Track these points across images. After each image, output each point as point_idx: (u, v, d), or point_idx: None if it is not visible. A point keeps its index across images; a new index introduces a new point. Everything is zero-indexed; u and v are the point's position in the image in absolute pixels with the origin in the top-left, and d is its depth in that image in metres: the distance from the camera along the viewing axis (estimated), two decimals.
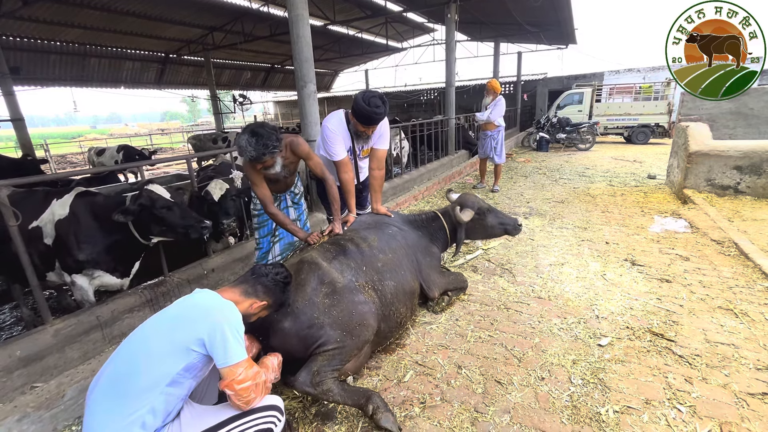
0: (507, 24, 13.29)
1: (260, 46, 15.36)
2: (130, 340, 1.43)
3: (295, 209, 3.10)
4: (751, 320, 2.56)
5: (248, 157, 2.31)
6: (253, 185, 2.59)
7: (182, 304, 1.50)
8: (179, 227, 2.62)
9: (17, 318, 3.77)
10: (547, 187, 6.88)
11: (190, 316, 1.44)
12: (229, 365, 1.37)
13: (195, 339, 1.36)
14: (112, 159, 9.85)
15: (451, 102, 9.08)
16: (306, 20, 4.15)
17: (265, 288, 1.67)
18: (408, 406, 2.03)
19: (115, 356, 1.41)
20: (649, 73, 17.38)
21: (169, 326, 1.42)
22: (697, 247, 3.80)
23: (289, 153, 2.65)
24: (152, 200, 2.58)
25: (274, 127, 2.40)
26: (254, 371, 1.45)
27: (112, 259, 2.76)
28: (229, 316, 1.45)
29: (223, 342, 1.37)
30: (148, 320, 1.48)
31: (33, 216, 2.69)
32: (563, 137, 12.11)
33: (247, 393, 1.41)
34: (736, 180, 5.14)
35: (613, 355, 2.30)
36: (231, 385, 1.38)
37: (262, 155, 2.29)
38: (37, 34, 11.27)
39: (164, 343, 1.36)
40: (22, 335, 2.35)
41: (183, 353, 1.35)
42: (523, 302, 2.98)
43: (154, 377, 1.32)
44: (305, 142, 2.72)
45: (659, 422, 1.83)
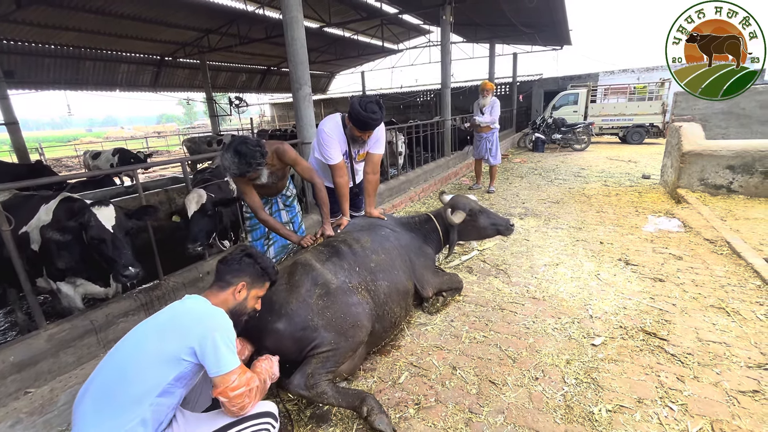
0: (502, 25, 13.36)
1: (256, 48, 15.35)
2: (118, 349, 1.40)
3: (288, 212, 3.10)
4: (743, 318, 2.58)
5: (231, 174, 2.39)
6: (243, 194, 2.62)
7: (171, 311, 1.47)
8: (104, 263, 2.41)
9: (11, 323, 3.76)
10: (542, 188, 6.91)
11: (180, 325, 1.41)
12: (222, 374, 1.36)
13: (185, 348, 1.34)
14: (108, 162, 9.83)
15: (447, 103, 9.12)
16: (301, 22, 4.16)
17: (231, 271, 1.64)
18: (403, 407, 2.04)
19: (103, 367, 1.37)
20: (644, 74, 17.51)
21: (158, 336, 1.38)
22: (690, 246, 3.83)
23: (276, 160, 2.67)
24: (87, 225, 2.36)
25: (258, 141, 2.39)
26: (247, 377, 1.44)
27: (92, 267, 2.67)
28: (220, 322, 1.43)
29: (214, 350, 1.35)
30: (136, 329, 1.45)
31: (26, 221, 2.67)
32: (559, 138, 12.18)
33: (241, 399, 1.40)
34: (728, 179, 5.18)
35: (607, 355, 2.32)
36: (225, 392, 1.37)
37: (246, 172, 2.35)
38: (31, 38, 11.21)
39: (154, 353, 1.33)
40: (15, 340, 2.34)
41: (173, 363, 1.33)
42: (517, 303, 3.00)
43: (144, 388, 1.30)
44: (291, 148, 2.71)
45: (651, 421, 1.84)
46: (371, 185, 3.11)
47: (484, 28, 13.68)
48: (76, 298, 2.71)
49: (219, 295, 1.60)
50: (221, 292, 1.61)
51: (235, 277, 1.63)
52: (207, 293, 1.60)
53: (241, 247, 1.76)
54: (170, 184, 5.66)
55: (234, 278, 1.63)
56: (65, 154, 23.37)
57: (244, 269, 1.66)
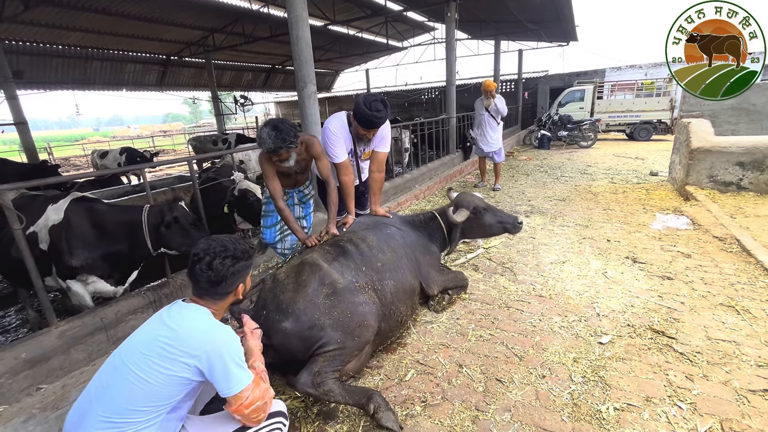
0: (507, 22, 13.25)
1: (261, 47, 15.39)
2: (120, 369, 1.30)
3: (302, 208, 3.14)
4: (753, 317, 2.55)
5: (266, 148, 2.42)
6: (266, 177, 2.67)
7: (174, 326, 1.34)
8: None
9: (23, 320, 3.81)
10: (548, 185, 6.87)
11: (187, 347, 1.30)
12: (234, 394, 1.32)
13: (193, 369, 1.30)
14: (115, 161, 9.92)
15: (452, 101, 9.08)
16: (305, 21, 4.16)
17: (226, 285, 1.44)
18: (409, 404, 2.04)
19: (105, 389, 1.29)
20: (651, 70, 17.30)
21: (165, 358, 1.28)
22: (699, 244, 3.79)
23: (303, 150, 2.73)
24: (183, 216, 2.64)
25: (294, 124, 2.49)
26: (262, 390, 1.39)
27: (109, 265, 2.75)
28: (225, 339, 1.35)
29: (223, 370, 1.30)
30: (135, 342, 1.34)
31: (33, 221, 2.72)
32: (565, 135, 12.09)
33: (256, 414, 1.37)
34: (738, 176, 5.11)
35: (614, 353, 2.31)
36: (239, 410, 1.34)
37: (279, 148, 2.40)
38: (39, 38, 11.34)
39: (162, 376, 1.27)
40: (27, 337, 2.38)
41: (183, 385, 1.31)
42: (524, 301, 2.99)
43: (154, 409, 1.27)
44: (320, 143, 2.79)
45: (660, 419, 1.83)
46: (377, 183, 3.11)
47: (489, 24, 13.59)
48: (86, 296, 2.75)
49: (217, 304, 1.48)
50: (219, 302, 1.49)
51: (231, 286, 1.48)
52: (203, 304, 1.45)
53: (213, 250, 1.45)
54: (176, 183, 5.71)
55: (231, 287, 1.48)
56: (73, 153, 23.62)
57: (237, 275, 1.48)
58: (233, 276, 1.46)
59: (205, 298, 1.45)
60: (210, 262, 1.42)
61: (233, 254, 1.46)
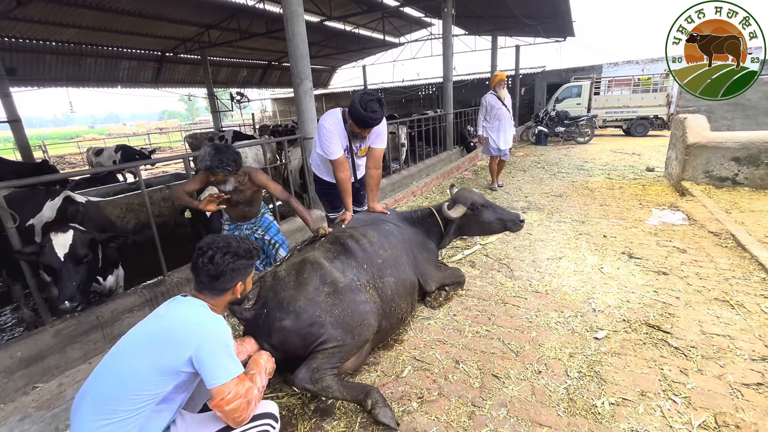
0: (504, 17, 13.23)
1: (257, 43, 15.29)
2: (116, 357, 1.35)
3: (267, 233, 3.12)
4: (747, 311, 2.57)
5: (204, 165, 2.54)
6: (185, 184, 2.74)
7: (168, 317, 1.40)
8: None
9: (18, 319, 3.80)
10: (545, 181, 6.88)
11: (175, 336, 1.34)
12: (218, 385, 1.31)
13: (183, 359, 1.30)
14: (111, 159, 9.84)
15: (449, 97, 9.07)
16: (301, 17, 4.14)
17: (224, 279, 1.49)
18: (406, 401, 2.05)
19: (102, 375, 1.33)
20: (648, 65, 17.32)
21: (156, 346, 1.33)
22: (694, 239, 3.81)
23: (247, 180, 2.79)
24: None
25: (237, 152, 2.61)
26: (245, 388, 1.38)
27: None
28: (216, 330, 1.37)
29: (210, 360, 1.31)
30: (132, 333, 1.39)
31: (32, 214, 2.72)
32: (562, 131, 12.08)
33: (237, 413, 1.35)
34: (734, 171, 5.14)
35: (610, 348, 2.32)
36: (220, 405, 1.33)
37: (216, 167, 2.50)
38: (33, 35, 11.21)
39: (151, 365, 1.29)
40: (23, 336, 2.37)
41: (172, 375, 1.31)
42: (520, 297, 3.00)
43: (143, 398, 1.28)
44: (263, 173, 2.88)
45: (654, 413, 1.85)
46: (373, 180, 3.10)
47: (486, 20, 13.55)
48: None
49: (215, 299, 1.51)
50: (217, 297, 1.52)
51: (230, 282, 1.51)
52: (202, 298, 1.50)
53: (217, 245, 1.50)
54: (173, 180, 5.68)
55: (229, 283, 1.52)
56: (68, 151, 23.44)
57: (237, 272, 1.52)
58: (233, 272, 1.51)
59: (204, 293, 1.51)
60: (212, 256, 1.47)
61: (235, 251, 1.51)
